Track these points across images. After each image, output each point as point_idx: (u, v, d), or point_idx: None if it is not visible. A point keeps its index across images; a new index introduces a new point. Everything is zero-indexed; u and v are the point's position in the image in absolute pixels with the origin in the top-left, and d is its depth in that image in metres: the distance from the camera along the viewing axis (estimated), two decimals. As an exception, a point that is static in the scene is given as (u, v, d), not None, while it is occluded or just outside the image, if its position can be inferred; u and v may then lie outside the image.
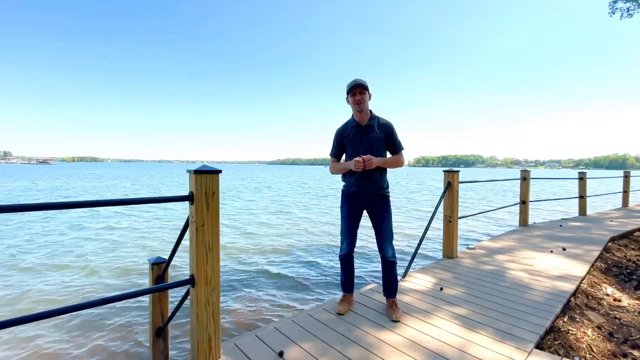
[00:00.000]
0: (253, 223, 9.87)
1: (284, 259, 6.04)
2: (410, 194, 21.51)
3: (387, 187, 2.53)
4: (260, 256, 6.19)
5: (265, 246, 6.99)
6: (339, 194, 3.01)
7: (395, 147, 2.51)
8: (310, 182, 35.49)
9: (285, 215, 11.51)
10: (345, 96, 2.46)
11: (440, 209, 3.89)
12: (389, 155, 2.55)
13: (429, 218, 4.01)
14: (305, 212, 12.49)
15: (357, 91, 2.37)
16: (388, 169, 2.55)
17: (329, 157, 2.63)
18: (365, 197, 2.46)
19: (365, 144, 2.41)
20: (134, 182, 29.59)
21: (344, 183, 2.59)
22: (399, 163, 2.50)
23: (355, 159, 2.35)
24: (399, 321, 2.35)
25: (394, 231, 2.55)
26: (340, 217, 2.60)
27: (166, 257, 2.16)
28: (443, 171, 4.02)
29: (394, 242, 2.53)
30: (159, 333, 2.14)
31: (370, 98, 2.45)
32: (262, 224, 9.68)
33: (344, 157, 2.61)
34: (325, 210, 13.08)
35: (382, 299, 2.70)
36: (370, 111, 2.48)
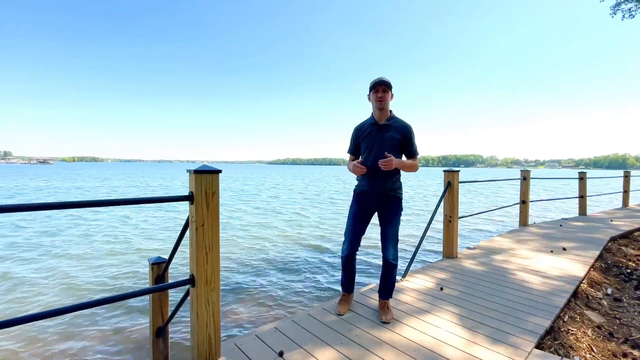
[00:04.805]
0: (253, 221, 9.88)
1: (284, 259, 6.03)
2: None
3: (400, 187, 2.48)
4: (260, 256, 6.18)
5: (265, 246, 6.99)
6: (334, 196, 2.97)
7: (411, 151, 2.44)
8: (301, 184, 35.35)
9: (285, 215, 11.51)
10: (368, 93, 2.42)
11: (440, 209, 3.89)
12: (403, 157, 2.48)
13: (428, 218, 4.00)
14: (306, 212, 12.48)
15: (380, 89, 2.34)
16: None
17: (347, 154, 2.62)
18: (376, 197, 2.41)
19: (380, 142, 2.36)
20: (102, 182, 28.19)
21: (357, 182, 2.56)
22: (414, 168, 2.42)
23: (354, 163, 2.35)
24: (389, 323, 2.33)
25: None
26: (347, 216, 2.56)
27: (166, 257, 2.16)
28: (443, 171, 4.02)
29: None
30: (159, 333, 2.14)
31: (392, 98, 2.42)
32: (262, 223, 9.69)
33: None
34: (329, 211, 13.07)
35: (382, 299, 2.69)
36: (391, 111, 2.45)
